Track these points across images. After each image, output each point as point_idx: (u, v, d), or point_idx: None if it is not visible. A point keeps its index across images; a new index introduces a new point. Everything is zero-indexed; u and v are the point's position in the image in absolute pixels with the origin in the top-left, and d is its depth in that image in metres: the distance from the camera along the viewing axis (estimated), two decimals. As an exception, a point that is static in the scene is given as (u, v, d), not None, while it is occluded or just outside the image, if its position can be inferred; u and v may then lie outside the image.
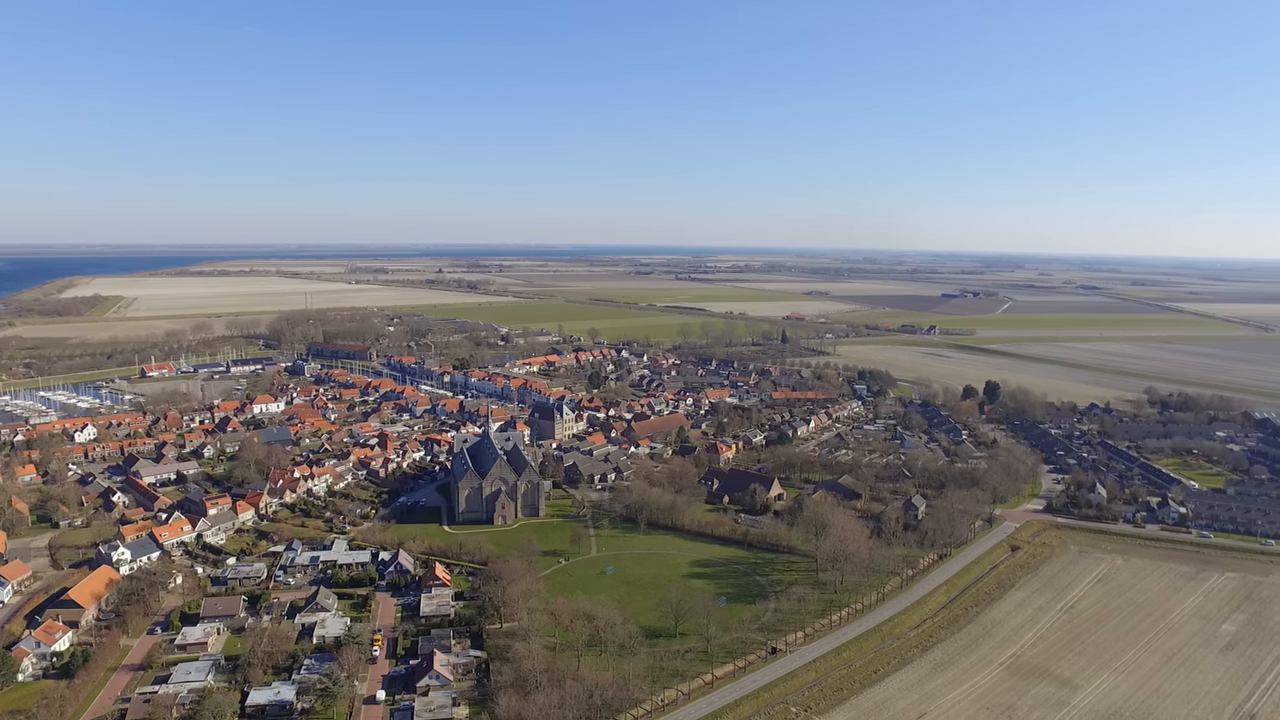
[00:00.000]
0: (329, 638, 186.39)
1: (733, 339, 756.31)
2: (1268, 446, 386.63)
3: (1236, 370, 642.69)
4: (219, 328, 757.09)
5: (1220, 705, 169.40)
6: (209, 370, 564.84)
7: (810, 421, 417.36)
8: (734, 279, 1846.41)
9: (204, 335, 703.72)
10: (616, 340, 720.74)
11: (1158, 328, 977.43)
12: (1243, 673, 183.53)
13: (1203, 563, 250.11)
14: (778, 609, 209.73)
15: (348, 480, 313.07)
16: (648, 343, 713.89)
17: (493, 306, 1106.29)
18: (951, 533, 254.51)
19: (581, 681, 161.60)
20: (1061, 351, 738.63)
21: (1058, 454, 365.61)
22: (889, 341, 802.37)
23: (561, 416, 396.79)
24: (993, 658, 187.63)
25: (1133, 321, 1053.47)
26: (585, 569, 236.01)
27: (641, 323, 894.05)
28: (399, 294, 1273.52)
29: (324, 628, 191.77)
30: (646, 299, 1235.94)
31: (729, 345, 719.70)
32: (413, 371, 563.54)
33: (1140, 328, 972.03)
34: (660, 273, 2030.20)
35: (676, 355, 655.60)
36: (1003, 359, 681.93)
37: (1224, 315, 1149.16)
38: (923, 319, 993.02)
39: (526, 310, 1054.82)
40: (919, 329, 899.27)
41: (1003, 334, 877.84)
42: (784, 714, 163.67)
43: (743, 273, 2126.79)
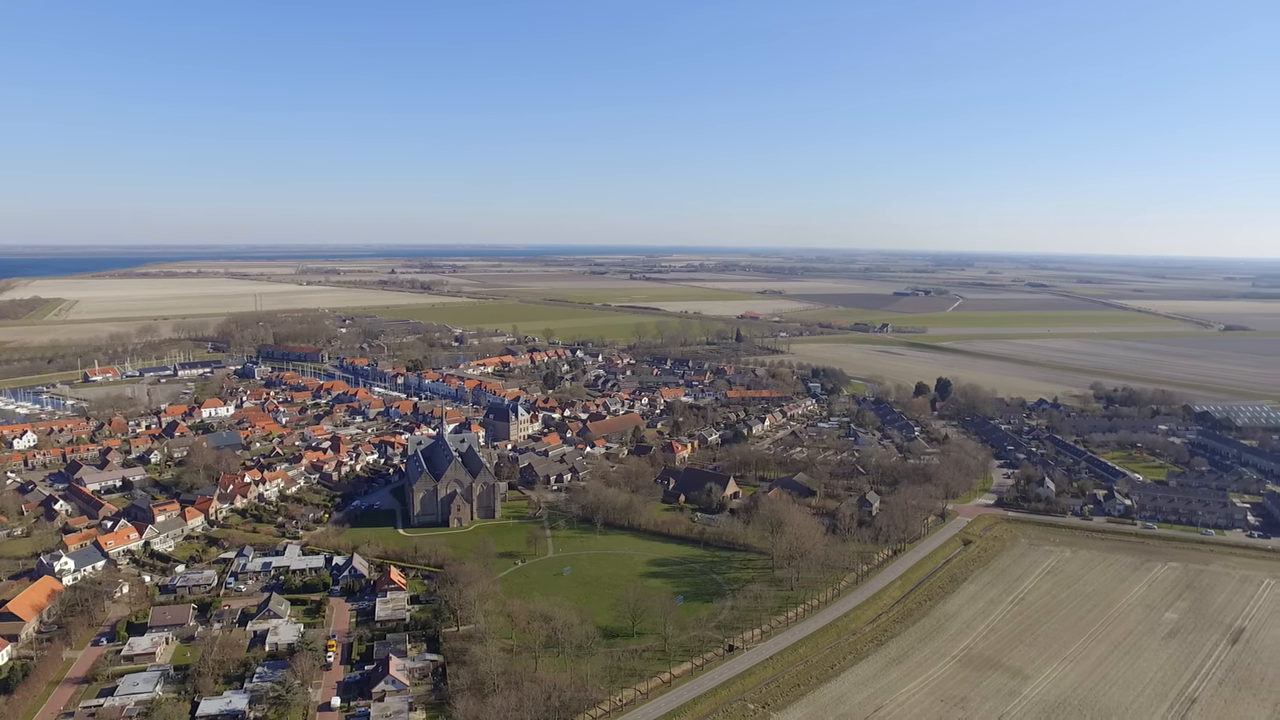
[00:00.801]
0: (282, 645, 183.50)
1: (688, 338, 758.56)
2: (1207, 439, 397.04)
3: (1178, 365, 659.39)
4: (166, 330, 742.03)
5: (1163, 691, 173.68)
6: (155, 374, 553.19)
7: (765, 420, 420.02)
8: (689, 278, 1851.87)
9: (150, 338, 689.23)
10: (571, 340, 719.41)
11: (1103, 324, 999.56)
12: (1184, 659, 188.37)
13: (1147, 553, 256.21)
14: (735, 607, 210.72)
15: (300, 484, 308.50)
16: (603, 343, 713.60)
17: (447, 307, 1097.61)
18: (905, 528, 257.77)
19: (539, 683, 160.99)
20: (1011, 348, 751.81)
21: (1008, 449, 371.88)
22: (842, 340, 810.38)
23: (517, 417, 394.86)
24: (946, 650, 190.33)
25: (1079, 318, 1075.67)
26: (542, 570, 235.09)
27: (596, 323, 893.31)
28: (351, 295, 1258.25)
29: (277, 635, 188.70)
30: (601, 299, 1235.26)
31: (684, 344, 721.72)
32: (366, 373, 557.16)
33: (1086, 324, 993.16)
34: (615, 272, 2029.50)
35: (632, 355, 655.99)
36: (954, 356, 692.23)
37: (1165, 312, 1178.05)
38: (875, 317, 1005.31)
39: (481, 311, 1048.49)
40: (872, 327, 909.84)
41: (954, 331, 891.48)
42: (742, 711, 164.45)
43: (697, 272, 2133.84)
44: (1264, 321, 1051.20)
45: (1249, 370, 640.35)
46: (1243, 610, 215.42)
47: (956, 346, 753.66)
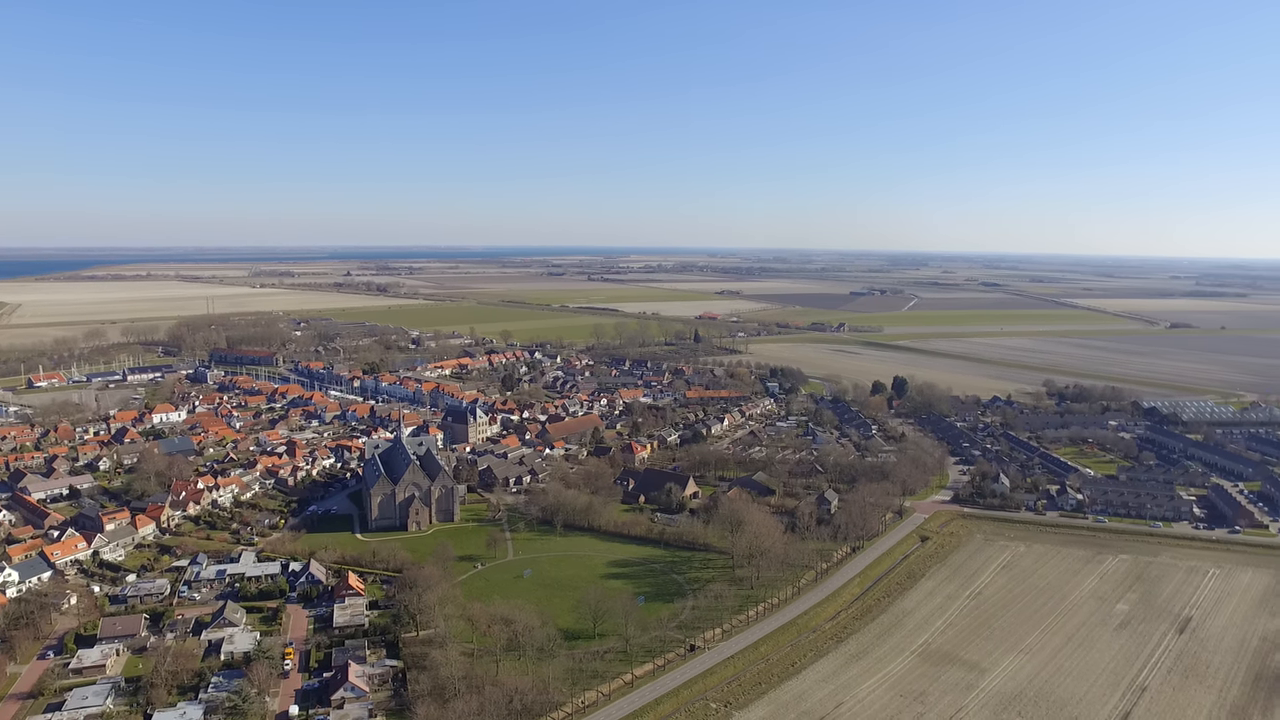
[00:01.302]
0: (238, 653, 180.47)
1: (646, 339, 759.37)
2: (1155, 434, 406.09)
3: (1127, 362, 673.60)
4: (114, 335, 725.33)
5: (1115, 680, 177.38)
6: (104, 379, 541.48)
7: (724, 420, 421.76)
8: (646, 279, 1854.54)
9: (98, 343, 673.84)
10: (530, 342, 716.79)
11: (1054, 323, 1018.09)
12: (1135, 648, 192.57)
13: (1098, 546, 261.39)
14: (695, 606, 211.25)
15: (255, 490, 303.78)
16: (561, 344, 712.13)
17: (403, 309, 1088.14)
18: (863, 525, 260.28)
19: (501, 687, 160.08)
20: (965, 347, 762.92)
21: (963, 446, 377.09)
22: (800, 339, 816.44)
23: (475, 420, 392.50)
24: (905, 646, 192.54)
25: (1031, 317, 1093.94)
26: (502, 573, 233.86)
27: (555, 324, 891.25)
28: (306, 298, 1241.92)
29: (232, 643, 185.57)
30: (559, 300, 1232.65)
31: (642, 345, 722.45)
32: (321, 377, 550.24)
33: (1038, 323, 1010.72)
34: (573, 274, 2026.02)
35: (590, 356, 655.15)
36: (910, 355, 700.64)
37: (1114, 310, 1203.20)
38: (832, 317, 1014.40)
39: (438, 313, 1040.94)
40: (828, 326, 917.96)
41: (909, 330, 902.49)
42: (704, 710, 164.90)
43: (655, 273, 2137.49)
44: (1207, 319, 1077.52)
45: (1194, 366, 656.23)
46: (1190, 600, 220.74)
47: (912, 345, 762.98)
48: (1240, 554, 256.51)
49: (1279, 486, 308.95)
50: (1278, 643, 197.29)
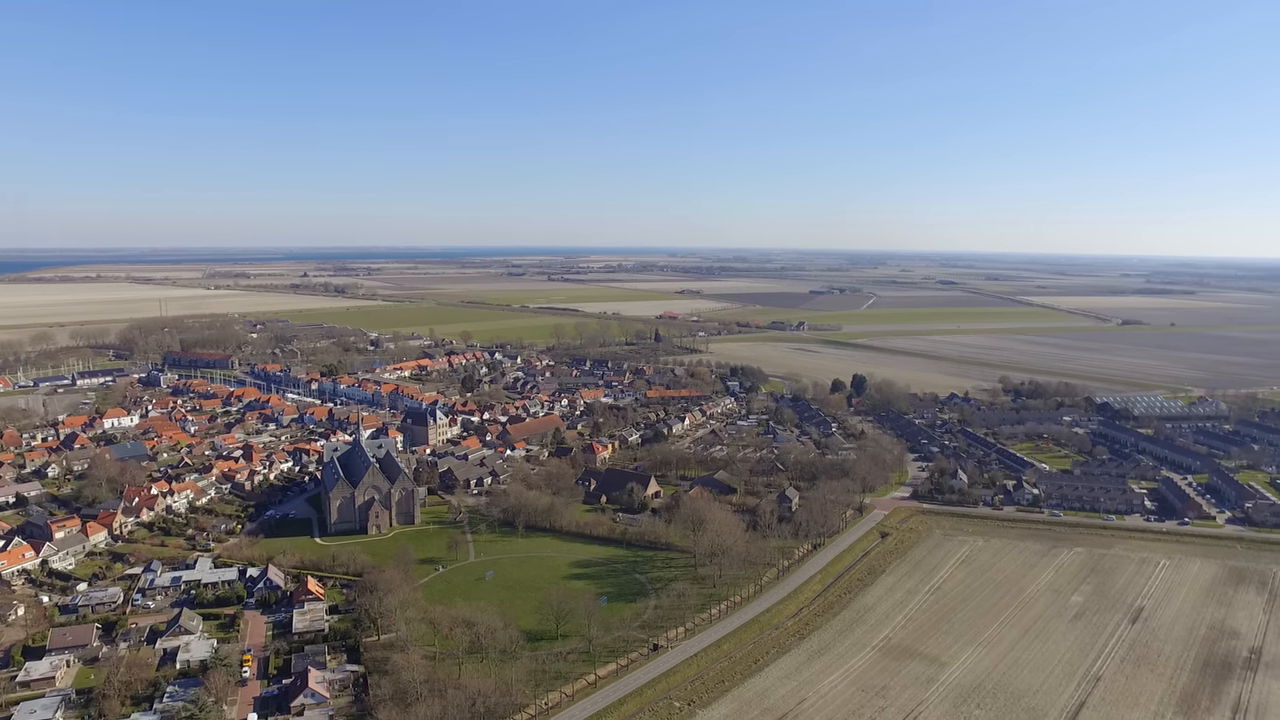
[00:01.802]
0: (194, 661, 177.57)
1: (607, 339, 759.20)
2: (1107, 429, 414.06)
3: (1079, 359, 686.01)
4: (62, 338, 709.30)
5: (1071, 671, 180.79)
6: (51, 384, 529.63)
7: (685, 419, 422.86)
8: (607, 279, 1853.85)
9: (45, 346, 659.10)
10: (490, 343, 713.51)
11: (1010, 320, 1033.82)
12: (1089, 639, 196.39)
13: (1054, 540, 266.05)
14: (658, 606, 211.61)
15: (211, 495, 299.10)
16: (521, 344, 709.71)
17: (361, 311, 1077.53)
18: (824, 523, 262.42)
19: (463, 690, 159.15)
20: (923, 344, 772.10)
21: (922, 443, 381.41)
22: (760, 338, 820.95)
23: (435, 421, 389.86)
24: (866, 641, 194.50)
25: (987, 315, 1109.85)
26: (464, 575, 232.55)
27: (515, 324, 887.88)
28: (262, 299, 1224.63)
29: (188, 651, 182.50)
30: (519, 300, 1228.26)
31: (603, 345, 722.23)
32: (278, 379, 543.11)
33: (994, 320, 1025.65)
34: (533, 274, 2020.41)
35: (551, 356, 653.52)
36: (869, 353, 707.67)
37: (1068, 308, 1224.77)
38: (792, 315, 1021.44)
39: (397, 314, 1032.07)
40: (788, 325, 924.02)
41: (868, 328, 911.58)
42: (668, 709, 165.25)
43: (615, 273, 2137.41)
44: (1157, 316, 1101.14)
45: (1144, 362, 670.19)
46: (1142, 590, 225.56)
47: (871, 343, 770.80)
48: (1189, 545, 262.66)
49: (1225, 479, 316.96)
50: (1224, 630, 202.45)
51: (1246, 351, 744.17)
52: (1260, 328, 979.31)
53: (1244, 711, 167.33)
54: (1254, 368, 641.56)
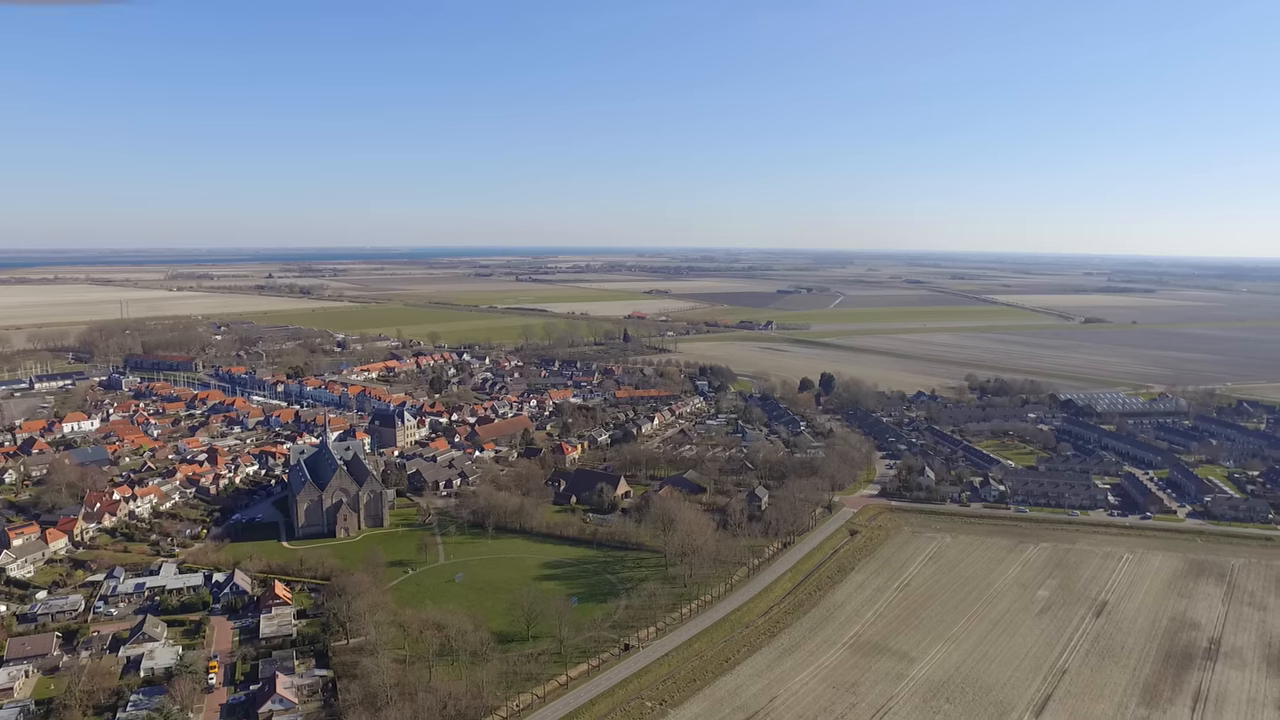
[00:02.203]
0: (159, 669, 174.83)
1: (575, 339, 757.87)
2: (1071, 425, 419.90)
3: (1044, 356, 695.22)
4: (19, 341, 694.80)
5: (1038, 664, 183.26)
6: (8, 388, 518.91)
7: (654, 419, 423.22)
8: (575, 279, 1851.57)
9: (1, 349, 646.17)
10: (458, 344, 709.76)
11: (975, 319, 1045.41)
12: (1055, 633, 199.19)
13: (1020, 535, 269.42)
14: (629, 606, 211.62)
15: (175, 499, 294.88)
16: (490, 345, 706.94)
17: (328, 312, 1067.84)
18: (794, 521, 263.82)
19: (434, 693, 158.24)
20: (890, 343, 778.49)
21: (889, 441, 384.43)
22: (728, 338, 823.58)
23: (403, 423, 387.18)
24: (837, 638, 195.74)
25: (953, 313, 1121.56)
26: (433, 578, 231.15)
27: (483, 325, 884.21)
28: (226, 301, 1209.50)
29: (152, 659, 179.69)
30: (487, 301, 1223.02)
31: (571, 345, 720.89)
32: (243, 382, 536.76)
33: (960, 319, 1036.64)
34: (501, 274, 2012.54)
35: (519, 357, 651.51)
36: (836, 351, 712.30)
37: (1031, 306, 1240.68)
38: (760, 315, 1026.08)
39: (364, 315, 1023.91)
40: (756, 324, 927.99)
41: (836, 327, 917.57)
42: (639, 709, 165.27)
43: (583, 273, 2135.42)
44: (1119, 314, 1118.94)
45: (1107, 360, 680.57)
46: (1106, 584, 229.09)
47: (839, 342, 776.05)
48: (1151, 539, 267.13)
49: (1185, 474, 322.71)
50: (1185, 622, 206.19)
51: (1205, 348, 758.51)
52: (1218, 325, 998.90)
53: (1204, 701, 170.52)
54: (1212, 364, 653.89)
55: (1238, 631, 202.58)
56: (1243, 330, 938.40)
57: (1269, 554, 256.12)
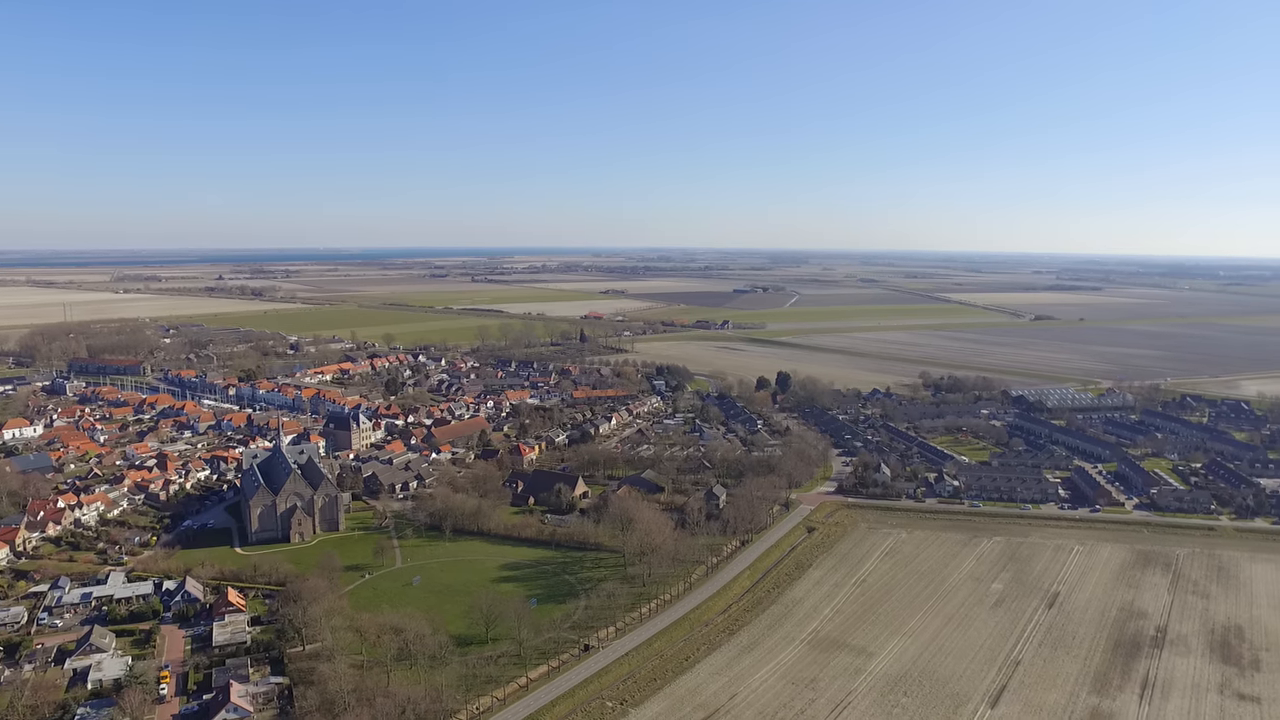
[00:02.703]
0: (107, 680, 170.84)
1: (532, 340, 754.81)
2: (1023, 421, 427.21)
3: (995, 353, 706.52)
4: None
5: (992, 656, 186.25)
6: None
7: (611, 419, 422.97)
8: (531, 280, 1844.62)
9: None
10: (413, 345, 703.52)
11: (928, 317, 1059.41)
12: (1009, 625, 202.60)
13: (974, 530, 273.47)
14: (588, 606, 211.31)
15: (123, 506, 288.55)
16: (445, 346, 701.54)
17: (280, 314, 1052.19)
18: (752, 519, 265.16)
19: (392, 697, 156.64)
20: (845, 341, 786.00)
21: (845, 438, 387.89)
22: (685, 337, 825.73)
23: (358, 426, 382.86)
24: (795, 634, 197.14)
25: (907, 312, 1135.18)
26: (390, 581, 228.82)
27: (438, 326, 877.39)
28: (175, 303, 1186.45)
29: (100, 670, 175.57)
30: (443, 302, 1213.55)
31: (528, 346, 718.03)
32: (194, 385, 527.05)
33: (914, 317, 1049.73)
34: (456, 275, 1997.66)
35: (475, 358, 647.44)
36: (792, 350, 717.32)
37: (983, 304, 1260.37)
38: (716, 314, 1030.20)
39: (317, 317, 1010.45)
40: (713, 324, 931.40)
41: (792, 326, 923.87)
42: (600, 709, 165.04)
43: (539, 273, 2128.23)
44: (1067, 311, 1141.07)
45: (1056, 356, 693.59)
46: (1057, 576, 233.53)
47: (795, 341, 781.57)
48: (1100, 531, 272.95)
49: (1132, 467, 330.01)
50: (1133, 611, 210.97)
51: (1150, 344, 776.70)
52: (1162, 321, 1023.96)
53: (1151, 687, 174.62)
54: (1157, 360, 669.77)
55: (1183, 619, 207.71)
56: (1185, 326, 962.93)
57: (1211, 543, 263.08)
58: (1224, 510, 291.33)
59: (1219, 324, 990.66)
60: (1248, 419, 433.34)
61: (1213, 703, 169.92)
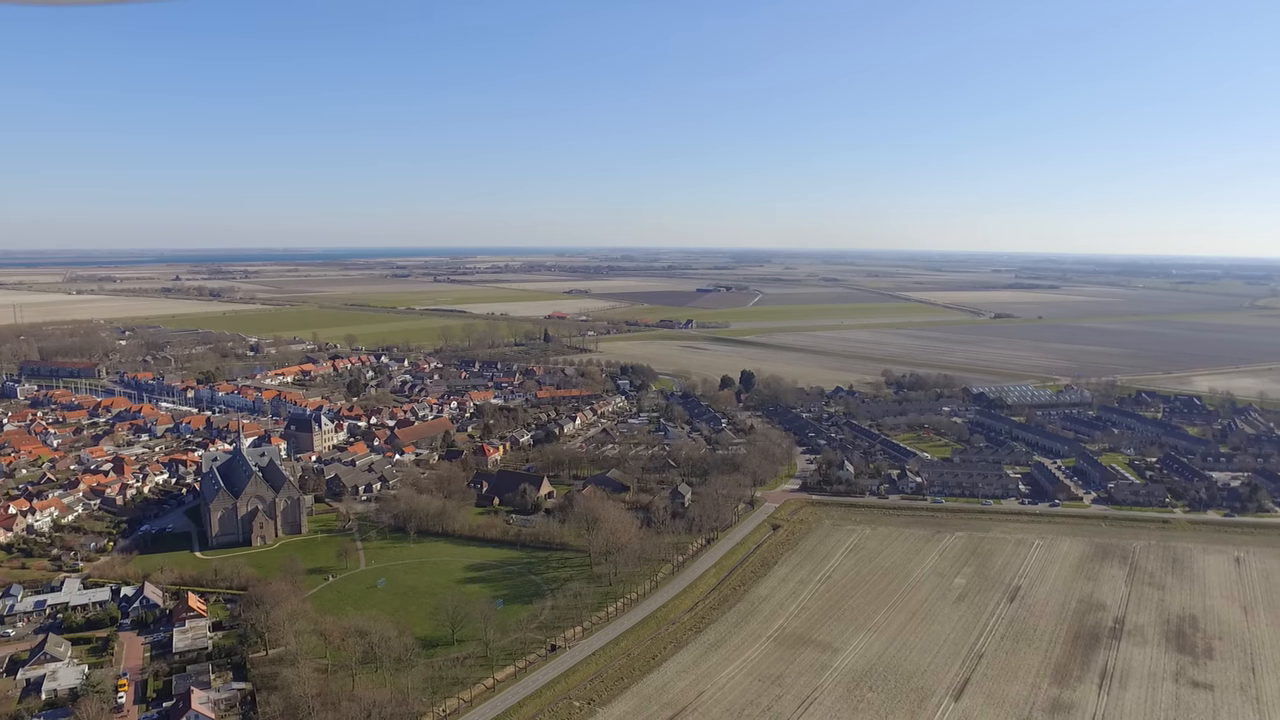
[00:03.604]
0: (62, 690, 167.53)
1: (495, 340, 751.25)
2: (984, 417, 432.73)
3: (956, 351, 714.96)
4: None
5: (956, 650, 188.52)
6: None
7: (576, 418, 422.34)
8: (494, 280, 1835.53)
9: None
10: (376, 346, 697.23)
11: (890, 315, 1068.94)
12: (972, 619, 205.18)
13: (937, 525, 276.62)
14: (555, 606, 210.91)
15: (78, 512, 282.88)
16: (408, 347, 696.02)
17: (240, 315, 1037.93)
18: (717, 517, 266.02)
19: (358, 701, 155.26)
20: (809, 340, 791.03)
21: (809, 436, 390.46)
22: (649, 336, 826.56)
23: (320, 427, 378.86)
24: (761, 632, 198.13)
25: (869, 310, 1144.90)
26: (355, 584, 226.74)
27: (401, 327, 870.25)
28: (130, 304, 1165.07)
29: (55, 680, 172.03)
30: (405, 302, 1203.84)
31: (492, 346, 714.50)
32: (151, 388, 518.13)
33: (876, 315, 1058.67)
34: (418, 275, 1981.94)
35: (439, 359, 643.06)
36: (756, 349, 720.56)
37: (944, 302, 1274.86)
38: (680, 313, 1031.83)
39: (277, 318, 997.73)
40: (677, 323, 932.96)
41: (755, 325, 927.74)
42: (567, 709, 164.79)
43: (503, 273, 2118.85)
44: (1026, 309, 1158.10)
45: (1016, 354, 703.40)
46: (1018, 570, 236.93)
47: (758, 340, 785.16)
48: (1060, 525, 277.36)
49: (1090, 462, 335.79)
50: (1092, 603, 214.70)
51: (1106, 341, 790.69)
52: (1117, 319, 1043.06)
53: (1110, 677, 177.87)
54: (1113, 356, 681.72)
55: (1139, 610, 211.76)
56: (1140, 324, 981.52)
57: (1166, 536, 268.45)
58: (1178, 503, 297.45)
59: (1172, 321, 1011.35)
60: (1200, 414, 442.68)
61: (1168, 691, 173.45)
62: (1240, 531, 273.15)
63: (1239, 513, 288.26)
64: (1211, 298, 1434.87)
